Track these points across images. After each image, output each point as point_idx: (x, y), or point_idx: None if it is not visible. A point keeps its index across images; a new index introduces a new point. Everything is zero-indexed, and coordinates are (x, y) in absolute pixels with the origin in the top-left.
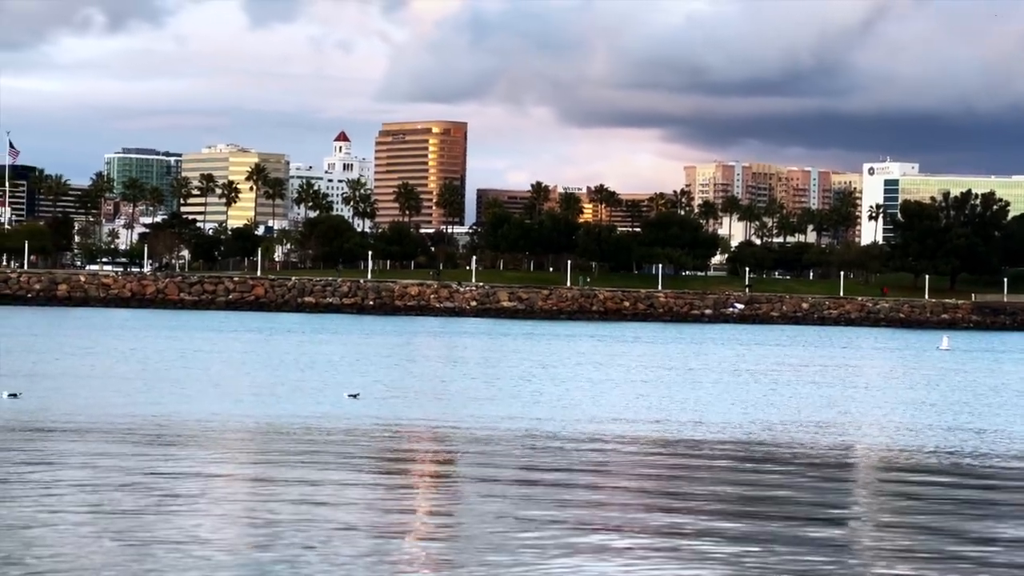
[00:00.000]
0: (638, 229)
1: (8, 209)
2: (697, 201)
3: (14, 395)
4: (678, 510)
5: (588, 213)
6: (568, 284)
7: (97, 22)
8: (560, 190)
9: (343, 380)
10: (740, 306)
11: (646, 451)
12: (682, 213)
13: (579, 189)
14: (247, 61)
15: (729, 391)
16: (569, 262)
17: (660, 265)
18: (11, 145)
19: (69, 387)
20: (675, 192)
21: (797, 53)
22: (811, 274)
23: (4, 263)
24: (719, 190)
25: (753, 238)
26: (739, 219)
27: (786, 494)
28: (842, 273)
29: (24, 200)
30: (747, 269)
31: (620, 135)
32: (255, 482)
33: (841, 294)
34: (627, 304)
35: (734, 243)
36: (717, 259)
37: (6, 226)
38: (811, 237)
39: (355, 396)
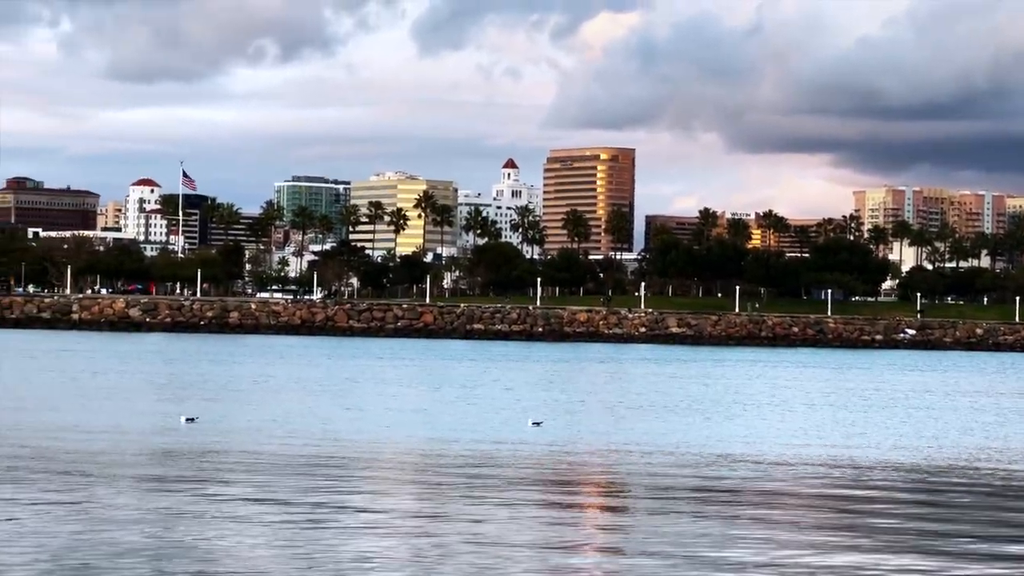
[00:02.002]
0: (807, 255)
1: (182, 238)
2: (867, 226)
3: (191, 419)
4: (855, 539)
5: (756, 239)
6: (737, 310)
7: (270, 52)
8: (728, 216)
9: (526, 407)
10: (911, 332)
11: (837, 477)
12: (851, 238)
13: (747, 215)
14: (416, 89)
15: (932, 417)
16: (738, 288)
17: (829, 290)
18: (185, 175)
19: (245, 411)
20: (844, 217)
21: (971, 76)
22: (985, 299)
23: (178, 291)
24: (889, 215)
25: (924, 263)
26: (910, 244)
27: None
28: (1018, 298)
29: (197, 229)
30: (918, 294)
31: (789, 160)
32: (437, 511)
33: (1017, 319)
34: (796, 330)
35: (905, 268)
36: (887, 284)
37: (180, 254)
38: (985, 262)
39: (538, 424)
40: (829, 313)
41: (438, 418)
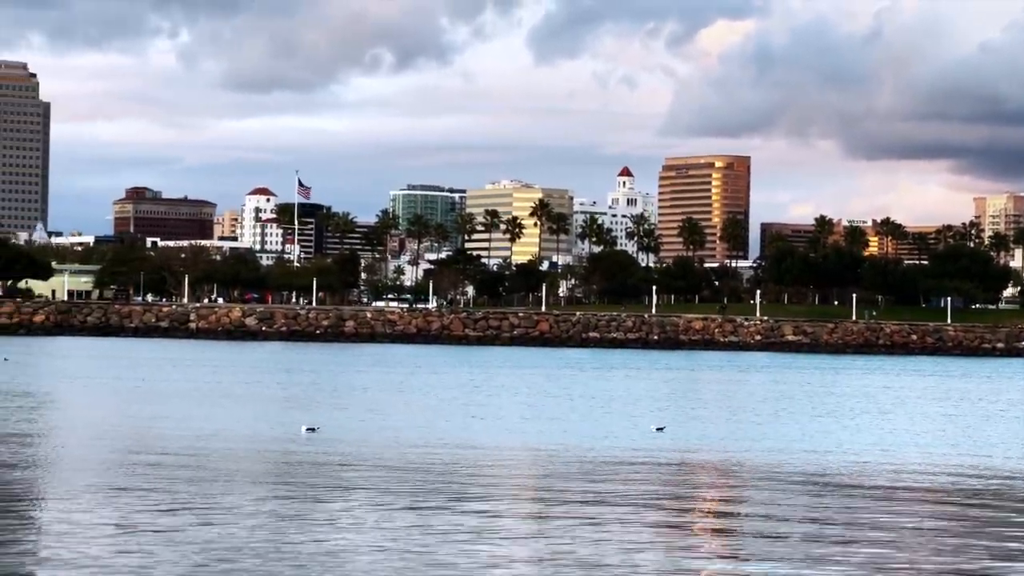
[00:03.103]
0: (925, 262)
1: (297, 247)
2: (987, 233)
3: (312, 429)
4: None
5: (873, 246)
6: (853, 317)
7: (386, 61)
8: (845, 223)
9: (648, 413)
10: None
11: (979, 489)
12: (971, 245)
13: (864, 222)
14: (532, 97)
15: None
16: (854, 295)
17: (949, 298)
18: (301, 183)
19: (365, 421)
20: (964, 224)
21: None
22: None
23: (293, 300)
24: (1011, 221)
25: None
26: None
27: None
28: None
29: (312, 237)
30: None
31: (907, 167)
32: (560, 519)
33: None
34: (914, 338)
35: None
36: (1009, 292)
37: (295, 263)
38: None
39: (661, 429)
40: (948, 321)
41: (563, 424)
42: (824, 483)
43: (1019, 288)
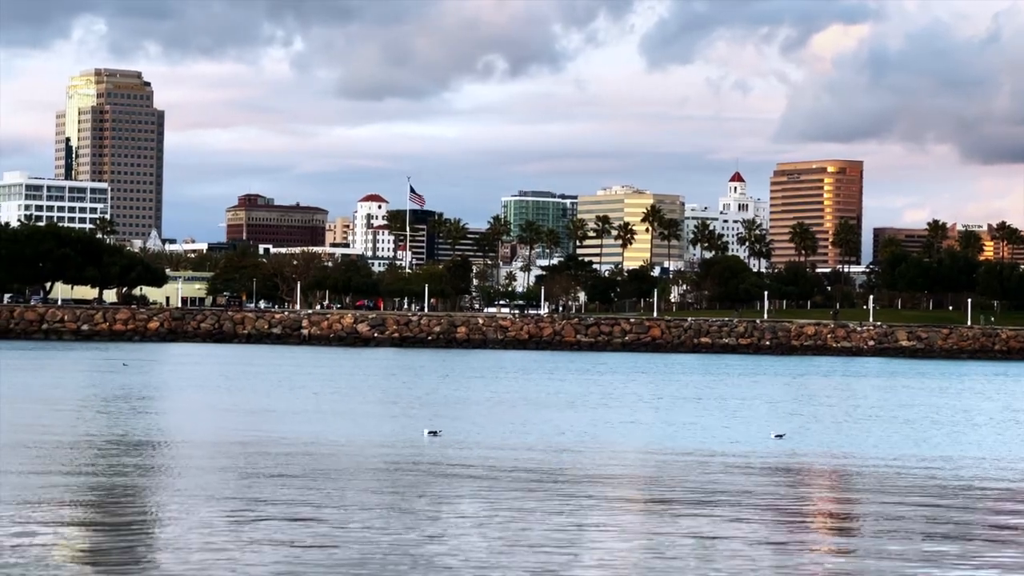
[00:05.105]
0: None
1: (409, 253)
2: None
3: (435, 433)
4: None
5: (989, 251)
6: (968, 323)
7: (498, 68)
8: (959, 228)
9: (769, 419)
10: None
11: None
12: None
13: (979, 227)
14: (644, 104)
15: None
16: (969, 300)
17: None
18: (413, 191)
19: (487, 425)
20: None
21: None
22: None
23: (405, 306)
24: None
25: None
26: None
27: None
28: None
29: (424, 244)
30: None
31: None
32: (671, 522)
33: None
34: None
35: None
36: None
37: (407, 270)
38: None
39: (781, 436)
40: None
41: (697, 430)
42: (961, 498)
43: None
